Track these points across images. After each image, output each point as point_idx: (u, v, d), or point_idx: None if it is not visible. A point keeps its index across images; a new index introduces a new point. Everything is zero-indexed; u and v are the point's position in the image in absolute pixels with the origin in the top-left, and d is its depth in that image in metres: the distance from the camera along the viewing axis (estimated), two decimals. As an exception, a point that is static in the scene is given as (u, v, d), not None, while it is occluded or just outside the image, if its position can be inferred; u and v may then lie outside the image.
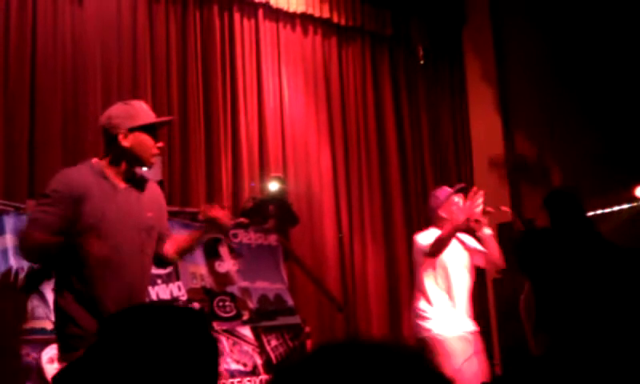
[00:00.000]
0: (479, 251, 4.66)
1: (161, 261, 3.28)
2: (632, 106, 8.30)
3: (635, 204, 7.66)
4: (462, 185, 4.93)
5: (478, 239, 4.67)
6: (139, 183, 3.16)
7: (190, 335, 1.38)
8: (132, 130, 2.99)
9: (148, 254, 3.11)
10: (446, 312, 4.47)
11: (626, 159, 8.04)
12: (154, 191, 3.23)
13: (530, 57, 8.12)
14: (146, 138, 3.02)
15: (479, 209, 4.40)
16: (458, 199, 4.67)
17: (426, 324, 4.46)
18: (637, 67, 8.25)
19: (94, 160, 3.14)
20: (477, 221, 4.41)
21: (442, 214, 4.64)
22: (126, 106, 3.19)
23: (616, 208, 7.61)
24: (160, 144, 3.12)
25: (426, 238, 4.58)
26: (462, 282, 4.60)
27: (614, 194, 7.58)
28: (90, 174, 3.02)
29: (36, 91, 5.98)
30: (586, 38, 8.32)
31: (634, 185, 7.76)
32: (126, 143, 3.00)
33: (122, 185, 3.07)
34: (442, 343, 4.33)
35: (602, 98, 8.34)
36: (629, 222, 7.56)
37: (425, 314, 4.49)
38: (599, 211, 7.54)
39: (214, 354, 1.45)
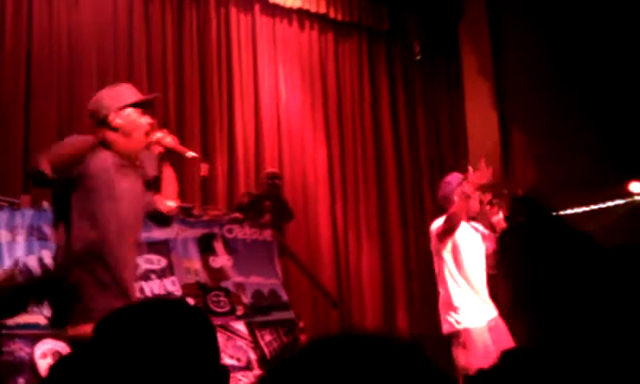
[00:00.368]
0: (491, 236, 4.45)
1: (160, 217, 3.20)
2: (628, 101, 8.30)
3: (630, 199, 7.66)
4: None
5: (492, 226, 4.47)
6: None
7: (187, 326, 1.38)
8: (121, 108, 2.95)
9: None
10: (472, 303, 4.30)
11: (621, 154, 8.04)
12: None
13: (527, 51, 8.11)
14: (134, 115, 2.96)
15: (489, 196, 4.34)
16: (470, 187, 4.45)
17: (456, 317, 4.28)
18: (634, 62, 8.25)
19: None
20: (491, 203, 4.31)
21: (456, 198, 4.44)
22: (112, 88, 3.15)
23: (611, 203, 7.62)
24: (150, 122, 3.01)
25: (439, 222, 4.43)
26: (480, 269, 4.43)
27: (610, 189, 7.58)
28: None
29: (31, 90, 6.01)
30: (583, 32, 8.31)
31: (630, 180, 7.77)
32: (116, 122, 2.95)
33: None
34: (472, 335, 4.17)
35: (599, 92, 8.34)
36: (624, 218, 7.57)
37: (452, 308, 4.31)
38: (595, 206, 7.55)
39: (213, 339, 1.44)
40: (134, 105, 2.95)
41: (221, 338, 5.19)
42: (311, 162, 7.35)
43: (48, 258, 4.75)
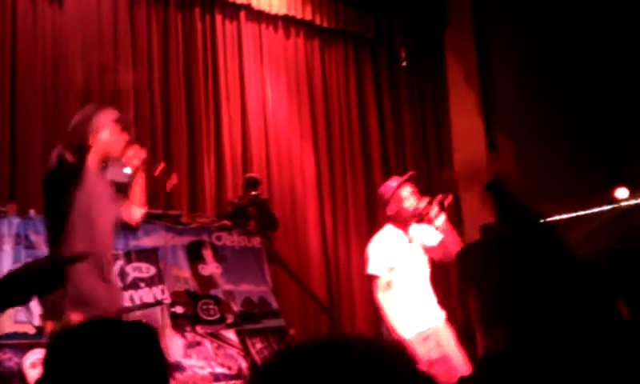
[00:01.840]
0: (432, 248, 4.46)
1: (129, 225, 3.49)
2: (615, 109, 8.39)
3: (616, 205, 7.73)
4: (411, 173, 4.74)
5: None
6: None
7: (139, 351, 1.38)
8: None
9: None
10: (405, 313, 4.30)
11: (607, 161, 8.12)
12: None
13: (512, 59, 8.16)
14: (114, 133, 3.37)
15: (423, 204, 4.33)
16: (407, 191, 4.47)
17: (391, 327, 4.29)
18: (620, 70, 8.34)
19: None
20: (424, 216, 4.28)
21: (391, 212, 4.45)
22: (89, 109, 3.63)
23: (597, 210, 7.68)
24: (123, 138, 3.41)
25: (374, 257, 4.41)
26: (419, 278, 4.43)
27: (596, 196, 7.65)
28: None
29: (16, 94, 5.92)
30: (569, 40, 8.39)
31: (615, 186, 7.85)
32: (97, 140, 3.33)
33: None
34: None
35: (585, 100, 8.42)
36: (610, 224, 7.64)
37: (388, 318, 4.32)
38: (580, 213, 7.61)
39: (163, 369, 1.44)
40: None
41: (211, 346, 5.15)
42: (299, 168, 7.33)
43: (35, 266, 4.68)
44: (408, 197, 4.45)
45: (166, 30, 6.82)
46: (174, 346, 4.91)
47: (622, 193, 7.80)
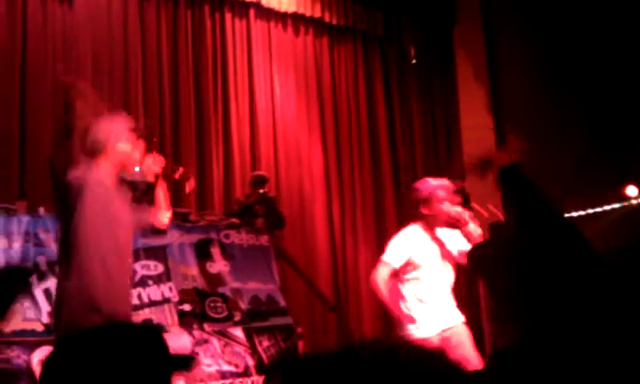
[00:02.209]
0: (460, 252, 4.39)
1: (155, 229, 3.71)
2: (625, 106, 8.33)
3: (626, 203, 7.68)
4: (458, 184, 4.71)
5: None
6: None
7: (143, 355, 1.39)
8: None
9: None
10: (421, 314, 4.31)
11: (617, 158, 8.07)
12: None
13: (522, 56, 8.13)
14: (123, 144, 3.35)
15: (460, 210, 4.27)
16: (443, 193, 4.40)
17: (403, 328, 4.32)
18: (631, 66, 8.28)
19: None
20: (460, 223, 4.23)
21: (425, 211, 4.38)
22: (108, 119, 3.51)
23: (608, 207, 7.64)
24: (138, 148, 3.39)
25: (393, 251, 4.40)
26: (440, 280, 4.42)
27: (606, 193, 7.60)
28: None
29: (26, 93, 5.97)
30: (578, 37, 8.34)
31: (626, 184, 7.80)
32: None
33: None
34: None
35: (595, 97, 8.37)
36: (620, 221, 7.59)
37: (402, 318, 4.35)
38: (590, 210, 7.57)
39: (167, 374, 1.46)
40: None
41: (218, 344, 5.17)
42: (307, 166, 7.34)
43: (44, 264, 4.73)
44: (445, 200, 4.40)
45: (175, 28, 6.84)
46: (182, 342, 4.93)
47: (632, 191, 7.74)
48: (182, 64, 6.79)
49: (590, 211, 7.58)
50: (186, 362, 1.63)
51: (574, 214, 7.55)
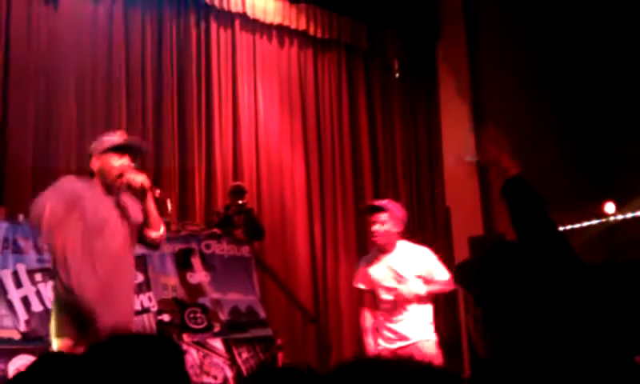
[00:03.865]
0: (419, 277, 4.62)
1: (150, 245, 3.61)
2: (606, 123, 8.44)
3: (605, 220, 7.77)
4: (374, 203, 4.92)
5: None
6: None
7: (163, 370, 1.39)
8: (101, 152, 3.34)
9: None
10: (381, 329, 4.57)
11: (596, 175, 8.17)
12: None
13: (505, 72, 8.21)
14: (109, 160, 3.33)
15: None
16: (377, 217, 4.66)
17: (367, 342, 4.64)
18: (611, 85, 8.39)
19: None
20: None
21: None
22: (102, 134, 3.53)
23: (586, 224, 7.72)
24: (124, 163, 3.34)
25: (359, 274, 4.76)
26: (400, 296, 4.56)
27: (585, 210, 7.69)
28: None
29: (9, 96, 5.91)
30: (561, 53, 8.44)
31: (604, 201, 7.89)
32: (94, 165, 3.38)
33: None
34: None
35: (578, 114, 8.47)
36: (598, 238, 7.67)
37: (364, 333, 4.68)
38: (568, 227, 7.64)
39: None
40: (111, 149, 3.32)
41: (197, 355, 5.15)
42: (289, 179, 7.34)
43: (23, 271, 4.69)
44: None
45: (160, 37, 6.82)
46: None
47: (610, 207, 7.84)
48: (166, 72, 6.77)
49: (568, 227, 7.65)
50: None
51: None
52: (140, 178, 3.34)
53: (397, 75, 8.25)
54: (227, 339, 5.35)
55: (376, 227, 4.57)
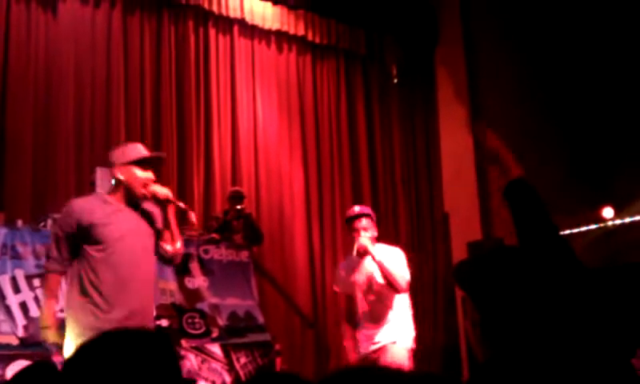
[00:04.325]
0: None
1: (164, 258, 3.53)
2: (603, 128, 8.45)
3: (603, 225, 7.78)
4: (366, 209, 4.79)
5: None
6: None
7: (153, 360, 1.39)
8: (126, 164, 3.33)
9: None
10: (359, 332, 4.50)
11: (594, 180, 8.17)
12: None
13: (502, 77, 8.22)
14: (134, 171, 3.32)
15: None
16: (363, 223, 4.56)
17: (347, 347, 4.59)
18: (610, 89, 8.41)
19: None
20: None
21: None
22: (124, 145, 3.58)
23: (584, 228, 7.73)
24: (149, 176, 3.34)
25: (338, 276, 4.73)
26: (374, 300, 4.46)
27: (583, 215, 7.69)
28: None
29: (7, 102, 5.93)
30: (558, 58, 8.46)
31: (602, 206, 7.90)
32: (117, 175, 3.35)
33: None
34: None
35: (574, 118, 8.48)
36: (596, 243, 7.68)
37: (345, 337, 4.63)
38: (567, 231, 7.65)
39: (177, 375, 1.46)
40: (136, 162, 3.33)
41: (196, 360, 5.15)
42: (288, 184, 7.35)
43: (21, 277, 4.69)
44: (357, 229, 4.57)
45: (159, 42, 6.84)
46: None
47: (608, 212, 7.85)
48: (165, 78, 6.79)
49: (567, 232, 7.66)
50: None
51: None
52: (165, 190, 3.37)
53: (395, 80, 8.28)
54: (225, 344, 5.35)
55: (365, 234, 4.49)
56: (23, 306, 4.58)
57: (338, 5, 7.82)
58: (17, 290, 4.62)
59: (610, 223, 7.80)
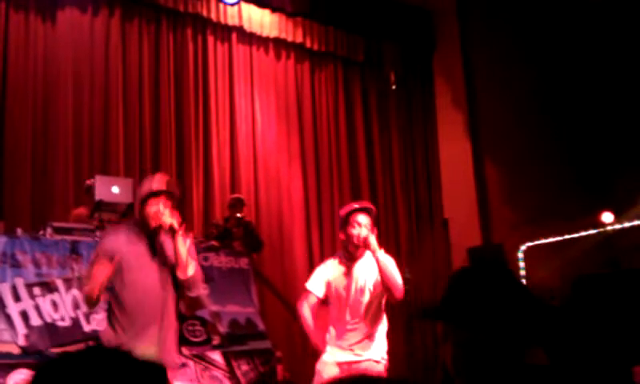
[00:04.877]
0: (375, 284, 3.89)
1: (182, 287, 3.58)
2: (601, 133, 8.47)
3: (602, 229, 7.78)
4: (367, 205, 4.09)
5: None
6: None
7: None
8: (141, 200, 3.46)
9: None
10: (332, 342, 3.88)
11: (593, 185, 8.18)
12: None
13: (500, 82, 8.24)
14: (147, 205, 3.43)
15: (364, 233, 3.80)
16: (364, 219, 3.88)
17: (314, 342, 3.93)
18: (608, 95, 8.43)
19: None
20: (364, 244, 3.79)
21: (342, 235, 3.95)
22: (144, 180, 3.68)
23: (584, 233, 7.73)
24: (158, 207, 3.41)
25: (313, 280, 4.00)
26: (366, 309, 3.88)
27: (582, 220, 7.69)
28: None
29: (5, 110, 5.94)
30: (556, 64, 8.48)
31: (601, 211, 7.90)
32: (138, 212, 3.49)
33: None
34: (317, 373, 3.85)
35: (572, 124, 8.50)
36: (596, 248, 7.67)
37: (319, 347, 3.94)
38: (567, 236, 7.65)
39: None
40: (147, 197, 3.46)
41: (197, 368, 5.13)
42: (287, 190, 7.35)
43: (21, 285, 4.67)
44: (356, 223, 3.90)
45: (157, 50, 6.85)
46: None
47: (607, 217, 7.85)
48: (164, 86, 6.79)
49: (567, 237, 7.66)
50: None
51: (551, 240, 7.63)
52: (169, 220, 3.40)
53: (393, 87, 8.28)
54: (226, 352, 5.33)
55: (364, 231, 3.84)
56: (24, 315, 4.56)
57: (336, 12, 7.84)
58: (17, 298, 4.60)
59: (609, 228, 7.80)
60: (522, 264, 7.65)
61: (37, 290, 4.66)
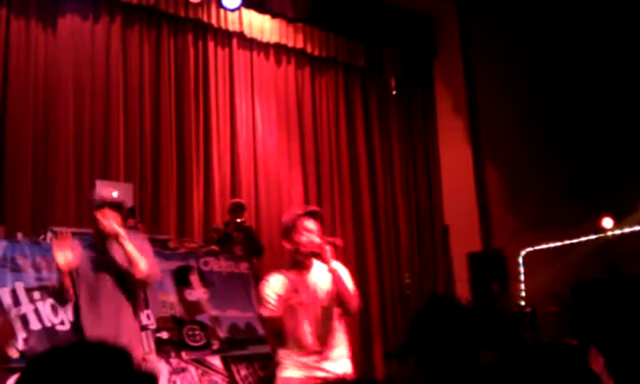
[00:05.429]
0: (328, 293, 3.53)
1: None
2: (601, 138, 8.48)
3: (602, 235, 7.78)
4: (315, 208, 3.79)
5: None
6: None
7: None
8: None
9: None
10: (295, 356, 3.50)
11: (593, 191, 8.19)
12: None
13: (500, 88, 8.26)
14: (97, 215, 3.53)
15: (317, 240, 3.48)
16: (310, 224, 3.52)
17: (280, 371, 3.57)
18: (608, 101, 8.44)
19: None
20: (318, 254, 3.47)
21: (288, 244, 3.58)
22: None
23: (584, 239, 7.72)
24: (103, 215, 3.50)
25: (269, 285, 3.54)
26: (323, 322, 3.51)
27: (582, 225, 7.69)
28: None
29: (7, 116, 5.95)
30: (557, 70, 8.50)
31: (602, 216, 7.90)
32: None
33: None
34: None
35: (572, 129, 8.51)
36: (595, 254, 7.67)
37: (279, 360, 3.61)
38: (567, 242, 7.65)
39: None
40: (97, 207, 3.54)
41: (196, 372, 5.13)
42: (287, 195, 7.35)
43: (21, 289, 4.68)
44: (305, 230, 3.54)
45: (158, 55, 6.87)
46: (159, 372, 4.89)
47: (607, 223, 7.85)
48: (164, 92, 6.81)
49: (567, 242, 7.66)
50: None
51: (551, 245, 7.63)
52: (108, 225, 3.49)
53: (394, 93, 8.30)
54: (226, 357, 5.33)
55: (316, 238, 3.48)
56: (23, 319, 4.57)
57: (336, 18, 7.85)
58: (17, 302, 4.61)
59: (609, 233, 7.80)
60: (521, 269, 7.65)
61: (36, 295, 4.68)
